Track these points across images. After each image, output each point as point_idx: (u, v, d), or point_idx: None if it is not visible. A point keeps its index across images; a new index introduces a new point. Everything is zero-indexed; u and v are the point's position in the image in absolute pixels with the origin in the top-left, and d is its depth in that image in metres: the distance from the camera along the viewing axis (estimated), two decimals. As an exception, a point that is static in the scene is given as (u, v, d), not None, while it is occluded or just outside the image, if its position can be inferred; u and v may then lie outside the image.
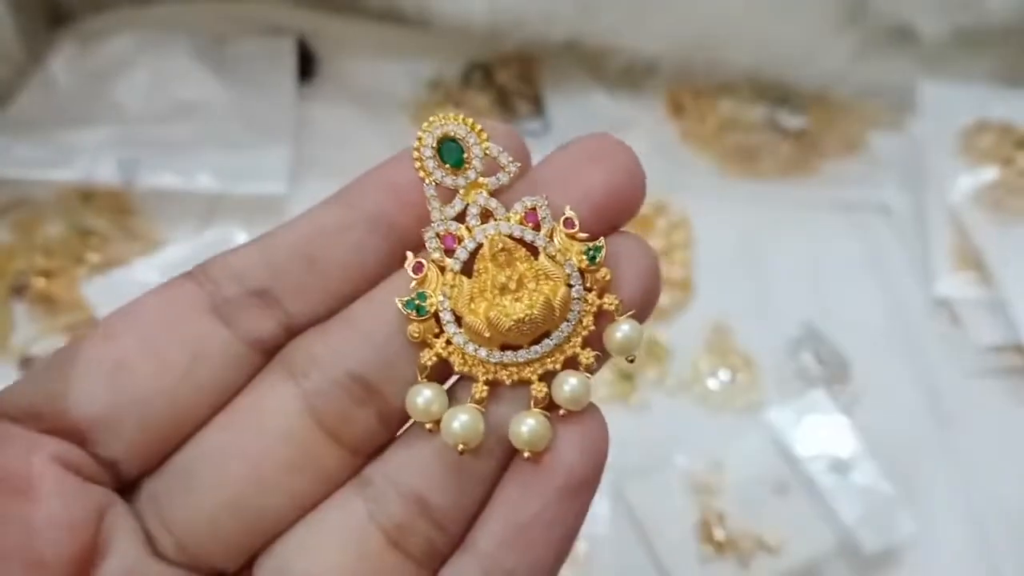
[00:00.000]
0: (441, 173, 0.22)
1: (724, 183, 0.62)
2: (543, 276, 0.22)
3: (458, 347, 0.22)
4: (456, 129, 0.22)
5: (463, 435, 0.21)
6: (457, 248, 0.22)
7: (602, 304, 0.22)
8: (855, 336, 0.55)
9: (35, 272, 0.53)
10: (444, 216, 0.22)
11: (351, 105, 0.62)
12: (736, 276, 0.58)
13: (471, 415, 0.21)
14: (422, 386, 0.21)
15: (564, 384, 0.21)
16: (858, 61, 0.63)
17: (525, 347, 0.22)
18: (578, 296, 0.22)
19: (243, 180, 0.56)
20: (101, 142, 0.56)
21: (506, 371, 0.22)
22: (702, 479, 0.48)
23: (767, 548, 0.46)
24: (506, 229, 0.22)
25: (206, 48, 0.62)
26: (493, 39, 0.62)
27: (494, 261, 0.22)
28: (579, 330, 0.22)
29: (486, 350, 0.22)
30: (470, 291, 0.22)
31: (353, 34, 0.65)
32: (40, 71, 0.60)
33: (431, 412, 0.21)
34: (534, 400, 0.21)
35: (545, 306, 0.21)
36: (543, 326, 0.21)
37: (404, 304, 0.21)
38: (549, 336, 0.22)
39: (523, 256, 0.22)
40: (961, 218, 0.58)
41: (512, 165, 0.22)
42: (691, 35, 0.62)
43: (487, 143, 0.22)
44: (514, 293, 0.21)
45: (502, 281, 0.21)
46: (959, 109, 0.61)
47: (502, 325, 0.21)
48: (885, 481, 0.48)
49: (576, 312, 0.22)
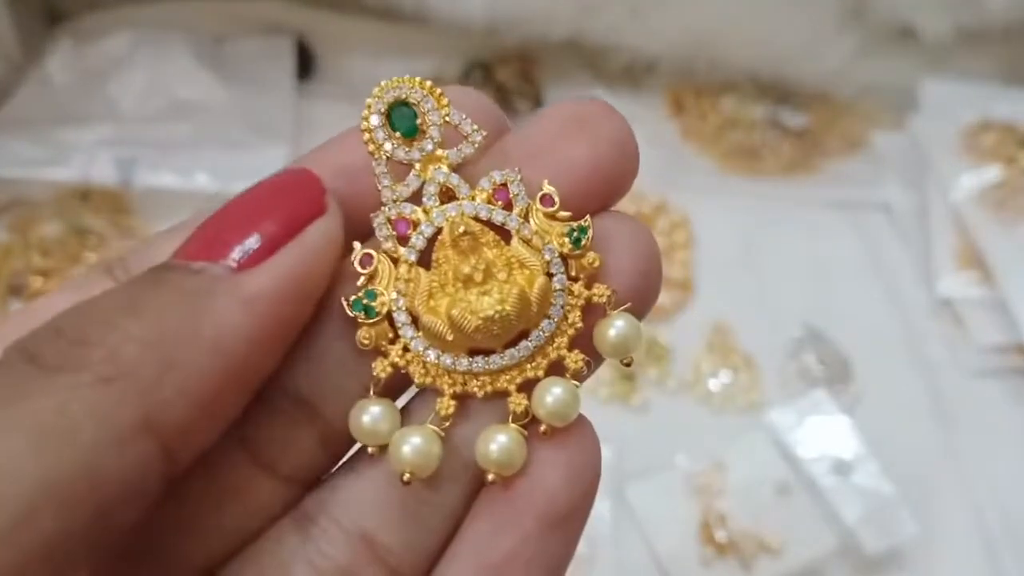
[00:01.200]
0: (392, 145, 0.18)
1: (725, 182, 0.62)
2: (516, 264, 0.18)
3: (417, 354, 0.18)
4: (410, 93, 0.18)
5: (413, 461, 0.17)
6: (412, 235, 0.18)
7: (591, 296, 0.18)
8: (856, 336, 0.55)
9: (32, 271, 0.53)
10: (397, 196, 0.18)
11: (350, 103, 0.61)
12: (737, 276, 0.58)
13: (424, 437, 0.17)
14: (368, 402, 0.18)
15: (547, 395, 0.18)
16: (860, 60, 0.63)
17: (499, 351, 0.18)
18: (561, 287, 0.18)
19: (241, 179, 0.54)
20: (98, 141, 0.56)
21: (477, 381, 0.18)
22: (703, 480, 0.48)
23: (768, 549, 0.46)
24: (470, 209, 0.18)
25: (204, 47, 0.61)
26: (493, 37, 0.61)
27: (456, 248, 0.18)
28: (564, 328, 0.18)
29: (451, 356, 0.18)
30: (428, 285, 0.18)
31: (352, 32, 0.64)
32: (37, 69, 0.60)
33: (379, 433, 0.17)
34: (512, 415, 0.18)
35: (519, 300, 0.18)
36: (519, 324, 0.18)
37: (350, 305, 0.18)
38: (528, 337, 0.18)
39: (492, 241, 0.18)
40: (963, 217, 0.58)
41: (477, 134, 0.18)
42: (692, 34, 0.62)
43: (447, 108, 0.18)
44: (481, 286, 0.18)
45: (466, 272, 0.18)
46: (961, 108, 0.61)
47: (467, 325, 0.17)
48: (887, 482, 0.48)
49: (559, 307, 0.18)
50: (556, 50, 0.63)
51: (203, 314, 0.16)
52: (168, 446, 0.15)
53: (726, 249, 0.59)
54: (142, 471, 0.15)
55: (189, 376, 0.15)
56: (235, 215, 0.17)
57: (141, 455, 0.15)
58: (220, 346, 0.16)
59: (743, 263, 0.58)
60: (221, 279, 0.16)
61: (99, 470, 0.14)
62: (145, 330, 0.15)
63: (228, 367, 0.16)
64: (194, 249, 0.17)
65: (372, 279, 0.18)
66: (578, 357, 0.18)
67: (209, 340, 0.15)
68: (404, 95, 0.18)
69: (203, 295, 0.16)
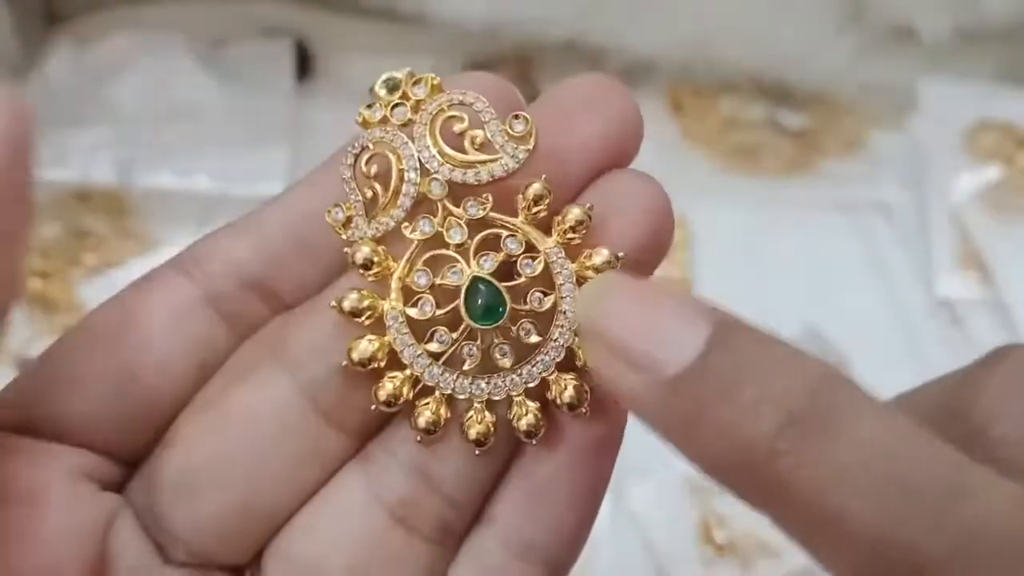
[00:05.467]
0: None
1: (724, 182, 0.62)
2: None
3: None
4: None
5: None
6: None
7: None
8: (855, 336, 0.55)
9: (31, 273, 0.53)
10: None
11: (349, 104, 0.61)
12: (736, 275, 0.58)
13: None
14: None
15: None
16: (859, 60, 0.63)
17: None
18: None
19: (240, 181, 0.55)
20: (97, 142, 0.56)
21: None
22: (703, 480, 0.48)
23: (768, 550, 0.46)
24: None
25: (203, 49, 0.61)
26: (491, 38, 0.61)
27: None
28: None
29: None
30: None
31: (350, 33, 0.64)
32: (36, 71, 0.60)
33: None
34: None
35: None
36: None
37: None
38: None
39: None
40: (963, 218, 0.57)
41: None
42: (691, 34, 0.62)
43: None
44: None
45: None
46: (960, 108, 0.61)
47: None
48: (887, 482, 0.48)
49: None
50: (555, 51, 0.63)
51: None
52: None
53: (725, 249, 0.59)
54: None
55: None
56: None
57: None
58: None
59: (742, 263, 0.58)
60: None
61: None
62: None
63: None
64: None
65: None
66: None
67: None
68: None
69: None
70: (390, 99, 0.20)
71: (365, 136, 0.20)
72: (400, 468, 0.19)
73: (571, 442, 0.19)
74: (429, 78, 0.20)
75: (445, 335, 0.19)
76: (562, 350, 0.19)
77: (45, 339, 0.51)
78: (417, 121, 0.19)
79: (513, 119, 0.19)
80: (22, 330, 0.52)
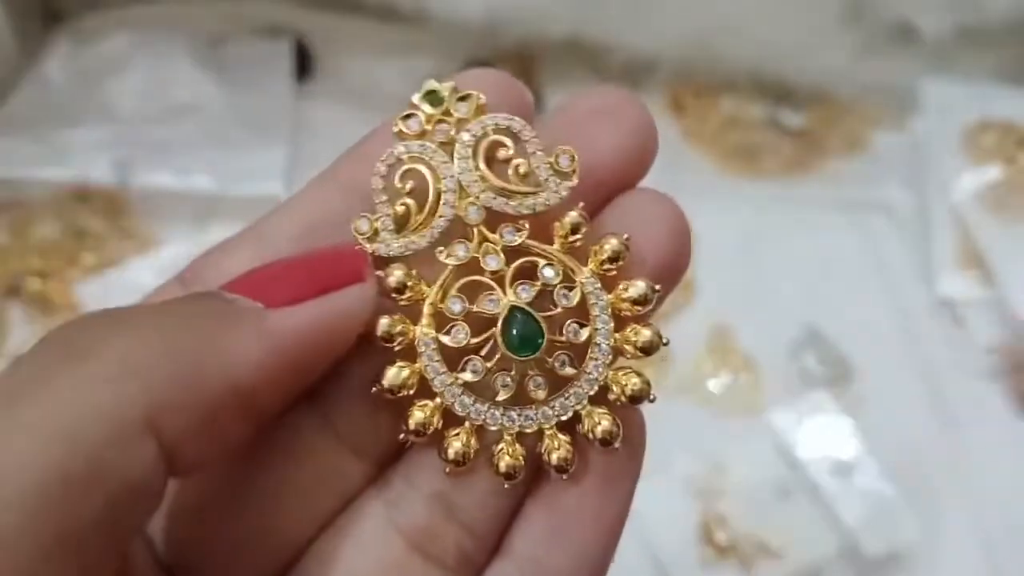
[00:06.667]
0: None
1: (725, 182, 0.62)
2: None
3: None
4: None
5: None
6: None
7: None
8: (857, 337, 0.55)
9: (30, 273, 0.53)
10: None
11: (348, 104, 0.62)
12: (737, 276, 0.58)
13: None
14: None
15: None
16: (860, 59, 0.63)
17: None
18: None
19: (239, 180, 0.55)
20: (96, 142, 0.56)
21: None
22: (703, 482, 0.48)
23: (769, 551, 0.46)
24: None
25: (202, 48, 0.61)
26: (492, 37, 0.61)
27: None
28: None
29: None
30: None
31: (350, 32, 0.64)
32: (35, 70, 0.59)
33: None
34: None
35: None
36: None
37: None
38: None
39: None
40: (964, 217, 0.57)
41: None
42: (692, 33, 0.62)
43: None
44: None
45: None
46: (961, 107, 0.61)
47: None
48: (888, 483, 0.48)
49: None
50: (555, 49, 0.63)
51: (221, 335, 0.16)
52: (169, 450, 0.16)
53: (726, 249, 0.58)
54: (144, 470, 0.15)
55: (194, 389, 0.16)
56: (280, 269, 0.18)
57: (143, 455, 0.15)
58: (229, 369, 0.16)
59: (743, 263, 0.58)
60: (248, 310, 0.17)
61: (103, 464, 0.15)
62: (160, 338, 0.16)
63: (233, 391, 0.16)
64: (235, 287, 0.18)
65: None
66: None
67: (220, 360, 0.16)
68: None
69: (227, 319, 0.17)
70: (431, 113, 0.19)
71: (401, 148, 0.19)
72: (420, 496, 0.19)
73: (596, 472, 0.19)
74: (475, 97, 0.19)
75: (479, 364, 0.18)
76: (596, 383, 0.19)
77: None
78: (459, 140, 0.19)
79: (560, 154, 0.19)
80: (21, 330, 0.52)
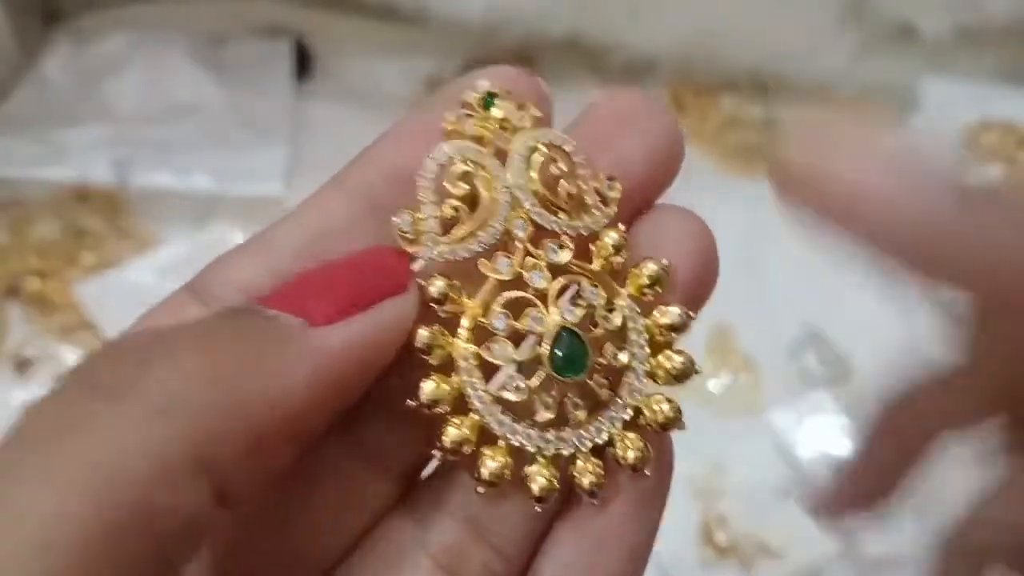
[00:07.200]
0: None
1: (725, 182, 0.62)
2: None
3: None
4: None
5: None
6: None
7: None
8: (857, 337, 0.55)
9: (29, 272, 0.53)
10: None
11: (348, 104, 0.61)
12: (737, 276, 0.57)
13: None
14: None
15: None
16: (860, 59, 0.63)
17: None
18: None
19: (239, 180, 0.55)
20: (95, 141, 0.56)
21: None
22: (703, 482, 0.48)
23: (769, 551, 0.46)
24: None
25: (202, 47, 0.61)
26: (491, 36, 0.61)
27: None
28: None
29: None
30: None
31: (350, 32, 0.64)
32: (34, 69, 0.59)
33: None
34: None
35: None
36: None
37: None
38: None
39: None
40: (964, 217, 0.57)
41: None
42: (692, 33, 0.61)
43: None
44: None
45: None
46: (961, 108, 0.61)
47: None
48: (888, 483, 0.48)
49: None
50: (555, 49, 0.63)
51: (265, 358, 0.16)
52: (218, 484, 0.15)
53: (726, 249, 0.58)
54: (194, 507, 0.15)
55: (241, 418, 0.15)
56: (319, 279, 0.17)
57: (192, 491, 0.15)
58: (276, 393, 0.16)
59: (743, 263, 0.58)
60: (291, 329, 0.16)
61: (151, 507, 0.14)
62: (203, 366, 0.15)
63: (281, 415, 0.16)
64: (272, 303, 0.17)
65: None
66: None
67: (266, 385, 0.15)
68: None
69: (270, 340, 0.16)
70: (486, 116, 0.18)
71: (451, 148, 0.18)
72: (449, 516, 0.19)
73: (626, 497, 0.19)
74: (531, 109, 0.19)
75: (522, 383, 0.18)
76: (630, 408, 0.19)
77: (43, 339, 0.51)
78: (515, 150, 0.18)
79: (608, 180, 0.19)
80: (20, 330, 0.51)
